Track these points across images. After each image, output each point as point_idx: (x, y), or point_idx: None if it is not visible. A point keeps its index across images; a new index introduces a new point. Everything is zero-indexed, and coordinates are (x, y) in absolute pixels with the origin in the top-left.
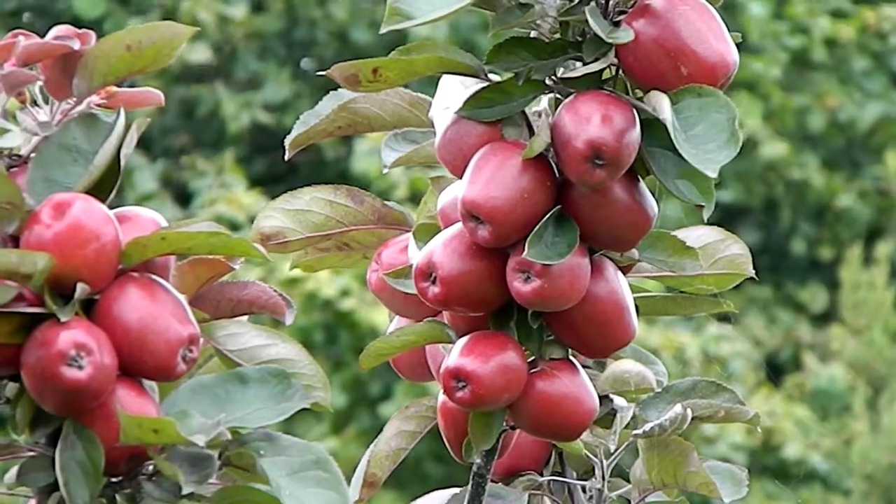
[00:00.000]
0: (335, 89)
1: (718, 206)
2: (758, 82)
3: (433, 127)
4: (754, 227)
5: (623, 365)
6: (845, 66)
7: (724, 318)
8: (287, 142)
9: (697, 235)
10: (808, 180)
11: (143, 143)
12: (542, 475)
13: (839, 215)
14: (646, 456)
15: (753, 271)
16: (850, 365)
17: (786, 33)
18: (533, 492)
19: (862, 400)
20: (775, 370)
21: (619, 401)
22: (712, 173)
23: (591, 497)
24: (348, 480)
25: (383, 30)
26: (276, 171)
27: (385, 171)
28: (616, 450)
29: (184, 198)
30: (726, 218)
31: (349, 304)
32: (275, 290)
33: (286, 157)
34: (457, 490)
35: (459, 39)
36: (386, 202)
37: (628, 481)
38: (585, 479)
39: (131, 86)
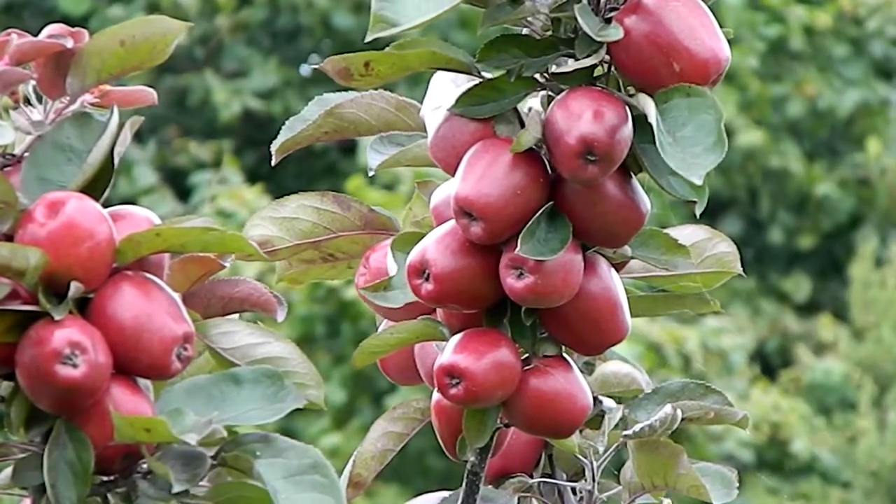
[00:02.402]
0: (323, 80)
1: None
2: (735, 73)
3: (420, 130)
4: (737, 217)
5: (612, 366)
6: (823, 53)
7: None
8: (273, 147)
9: (686, 234)
10: (787, 168)
11: (136, 136)
12: (532, 477)
13: (820, 204)
14: (635, 457)
15: (741, 269)
16: (857, 363)
17: (762, 23)
18: (523, 494)
19: (868, 398)
20: (764, 361)
21: (608, 402)
22: (698, 180)
23: (581, 499)
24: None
25: (369, 37)
26: (266, 165)
27: (371, 173)
28: (605, 451)
29: (184, 193)
30: (708, 210)
31: (352, 293)
32: (266, 288)
33: (272, 163)
34: (446, 493)
35: (437, 37)
36: (373, 208)
37: (619, 483)
38: (575, 481)
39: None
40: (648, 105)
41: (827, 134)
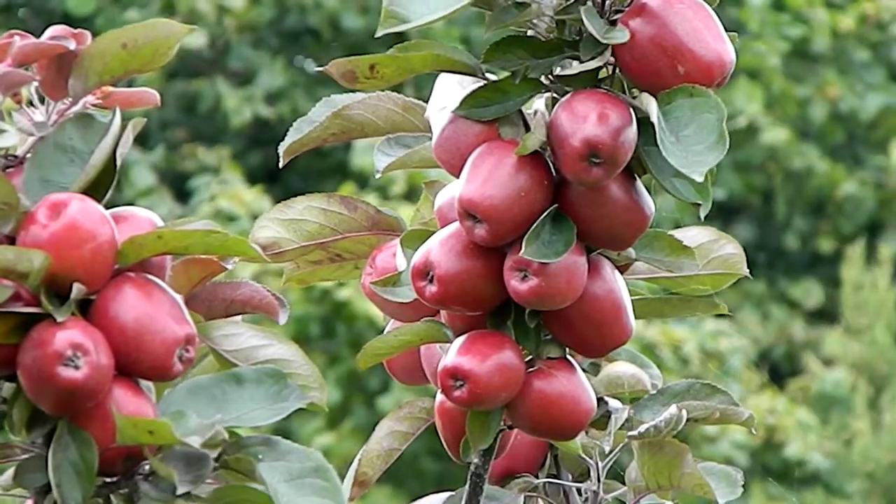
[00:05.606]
0: (330, 81)
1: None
2: (759, 70)
3: (427, 131)
4: (751, 221)
5: (617, 367)
6: (845, 57)
7: (721, 314)
8: (281, 149)
9: (691, 235)
10: (810, 167)
11: (140, 139)
12: (537, 477)
13: (840, 206)
14: (640, 457)
15: (748, 270)
16: (851, 365)
17: (786, 23)
18: (528, 494)
19: (863, 399)
20: (770, 367)
21: (613, 402)
22: (699, 177)
23: (586, 499)
24: (342, 477)
25: (379, 33)
26: (272, 165)
27: (378, 175)
28: (611, 451)
29: (183, 194)
30: (722, 213)
31: (346, 294)
32: (268, 290)
33: (280, 165)
34: (452, 492)
35: (458, 33)
36: (380, 209)
37: (624, 483)
38: (581, 482)
39: (129, 84)
40: (651, 104)
41: (847, 138)
